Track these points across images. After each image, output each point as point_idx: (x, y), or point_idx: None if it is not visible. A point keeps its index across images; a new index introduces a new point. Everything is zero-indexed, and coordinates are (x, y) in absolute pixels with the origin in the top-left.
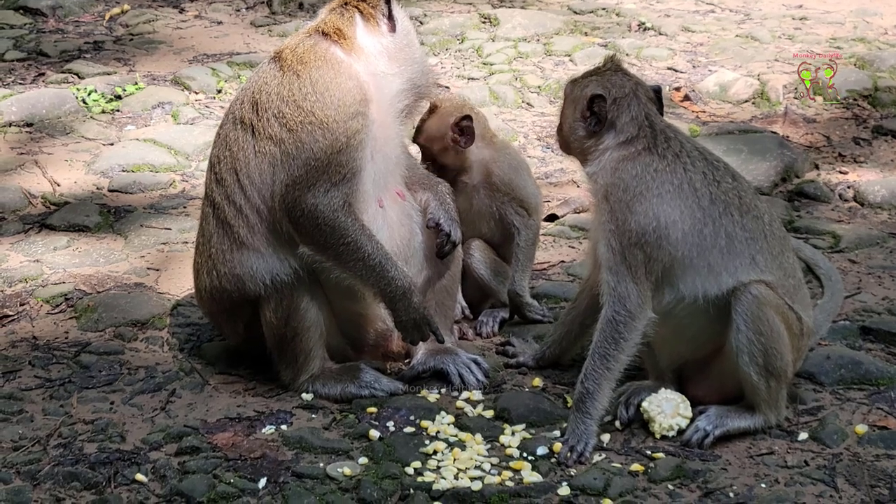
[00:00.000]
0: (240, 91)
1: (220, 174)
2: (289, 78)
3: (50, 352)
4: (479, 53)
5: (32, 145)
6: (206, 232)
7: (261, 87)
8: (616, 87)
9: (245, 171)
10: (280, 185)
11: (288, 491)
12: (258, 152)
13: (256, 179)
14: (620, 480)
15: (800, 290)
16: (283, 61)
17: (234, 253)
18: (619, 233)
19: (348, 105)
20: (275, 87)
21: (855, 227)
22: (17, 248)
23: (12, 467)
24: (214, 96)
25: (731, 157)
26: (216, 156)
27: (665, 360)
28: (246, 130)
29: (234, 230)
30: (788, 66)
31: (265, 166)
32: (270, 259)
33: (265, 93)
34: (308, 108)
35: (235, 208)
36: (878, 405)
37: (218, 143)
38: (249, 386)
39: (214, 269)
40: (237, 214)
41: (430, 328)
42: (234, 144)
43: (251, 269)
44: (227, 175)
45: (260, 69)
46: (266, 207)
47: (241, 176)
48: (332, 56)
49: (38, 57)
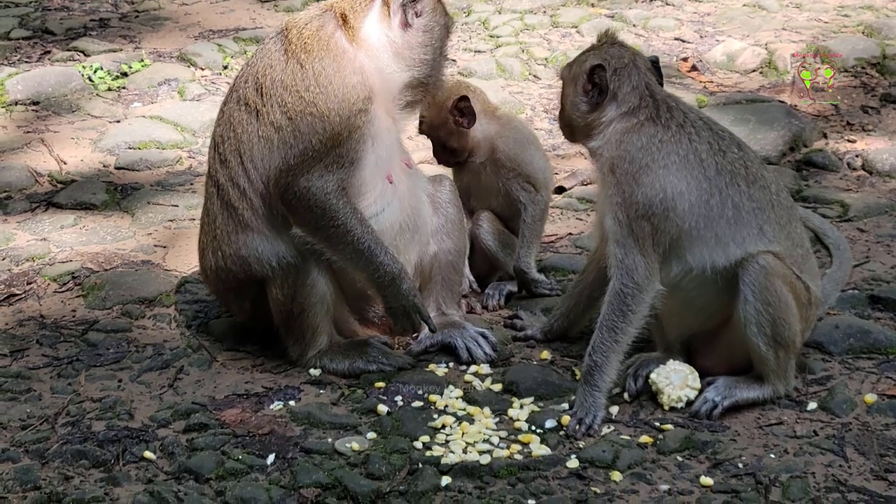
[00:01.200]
0: (245, 67)
1: (223, 155)
2: (292, 66)
3: (57, 330)
4: (486, 26)
5: (38, 123)
6: (210, 212)
7: (265, 70)
8: (615, 58)
9: (249, 155)
10: (275, 170)
11: (296, 467)
12: (261, 137)
13: (259, 164)
14: (629, 452)
15: (808, 259)
16: (288, 43)
17: (238, 235)
18: (626, 205)
19: (351, 101)
20: (279, 74)
21: (863, 196)
22: (23, 226)
23: (21, 446)
24: (220, 72)
25: (739, 126)
26: (220, 135)
27: (673, 331)
28: (250, 113)
29: (239, 212)
30: (796, 34)
31: (267, 151)
32: (275, 242)
33: (269, 78)
34: (310, 100)
35: (239, 191)
36: (887, 374)
37: (222, 122)
38: (257, 362)
39: (220, 250)
40: (241, 197)
41: (420, 316)
42: (239, 126)
43: (256, 251)
44: (231, 157)
45: (266, 47)
46: (269, 192)
47: (245, 160)
48: (336, 45)
49: (43, 35)
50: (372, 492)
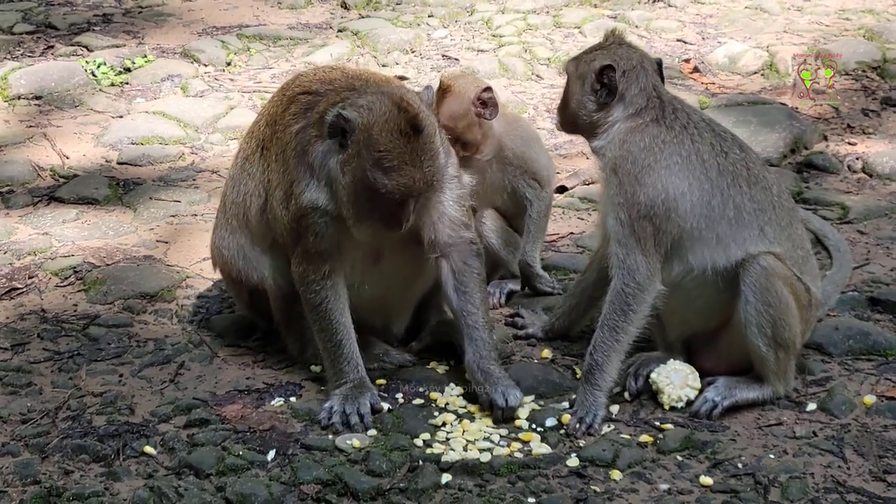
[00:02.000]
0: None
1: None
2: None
3: (59, 324)
4: (489, 25)
5: (41, 118)
6: (227, 211)
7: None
8: (624, 59)
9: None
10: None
11: (297, 463)
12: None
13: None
14: (629, 451)
15: (808, 261)
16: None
17: (244, 249)
18: (629, 205)
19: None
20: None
21: (863, 199)
22: (25, 220)
23: (21, 440)
24: (224, 69)
25: (741, 128)
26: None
27: (674, 331)
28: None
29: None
30: (797, 37)
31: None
32: (276, 257)
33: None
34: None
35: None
36: (887, 376)
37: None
38: (258, 358)
39: (227, 239)
40: (248, 222)
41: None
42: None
43: (256, 265)
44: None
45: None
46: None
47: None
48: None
49: (46, 30)
50: (372, 489)
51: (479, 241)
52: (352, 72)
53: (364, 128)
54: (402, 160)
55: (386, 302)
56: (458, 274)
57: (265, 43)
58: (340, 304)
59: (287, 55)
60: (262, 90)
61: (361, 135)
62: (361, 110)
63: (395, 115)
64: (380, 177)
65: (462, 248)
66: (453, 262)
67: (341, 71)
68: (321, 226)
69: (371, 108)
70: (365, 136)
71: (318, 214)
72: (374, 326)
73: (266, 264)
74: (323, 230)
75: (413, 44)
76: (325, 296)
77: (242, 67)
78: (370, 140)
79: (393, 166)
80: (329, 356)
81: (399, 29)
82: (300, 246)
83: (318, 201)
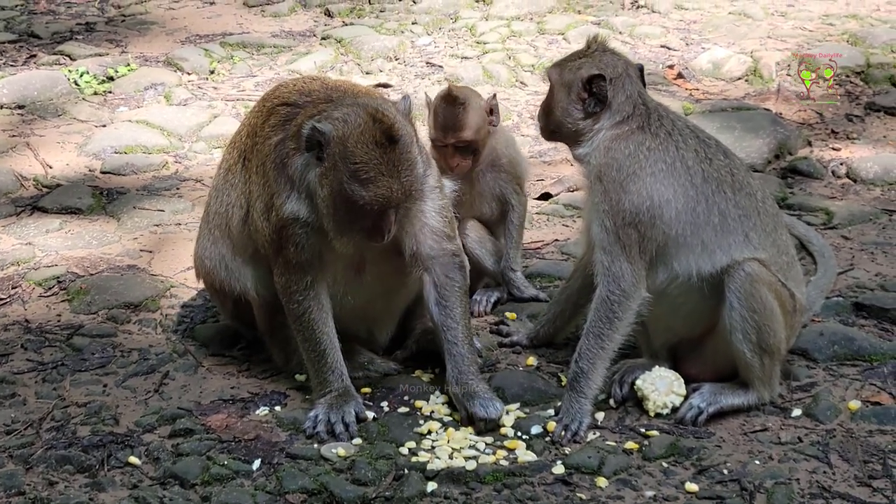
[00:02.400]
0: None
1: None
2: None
3: (42, 335)
4: (473, 32)
5: (24, 127)
6: (210, 221)
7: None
8: (610, 67)
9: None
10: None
11: (282, 472)
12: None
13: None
14: (615, 458)
15: (793, 266)
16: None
17: (226, 259)
18: (613, 213)
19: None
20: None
21: (848, 204)
22: (8, 230)
23: (5, 451)
24: (207, 77)
25: (725, 134)
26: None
27: (659, 338)
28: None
29: (224, 237)
30: (781, 42)
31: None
32: (258, 268)
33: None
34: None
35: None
36: (871, 381)
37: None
38: (243, 367)
39: (209, 259)
40: (230, 232)
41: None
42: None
43: (238, 275)
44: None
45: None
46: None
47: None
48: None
49: (29, 38)
50: (358, 497)
51: (461, 253)
52: (331, 83)
53: (339, 140)
54: (379, 171)
55: (369, 312)
56: (439, 288)
57: (249, 51)
58: (324, 313)
59: (271, 63)
60: (245, 98)
61: (337, 147)
62: (336, 122)
63: (370, 126)
64: (357, 189)
65: (444, 261)
66: (436, 275)
67: (321, 82)
68: (302, 236)
69: (346, 121)
70: (340, 149)
71: (299, 226)
72: (358, 335)
73: (249, 275)
74: (304, 241)
75: (397, 51)
76: (307, 306)
77: (226, 76)
78: (346, 152)
79: (370, 178)
80: (313, 365)
81: (383, 36)
82: (282, 257)
83: (299, 213)
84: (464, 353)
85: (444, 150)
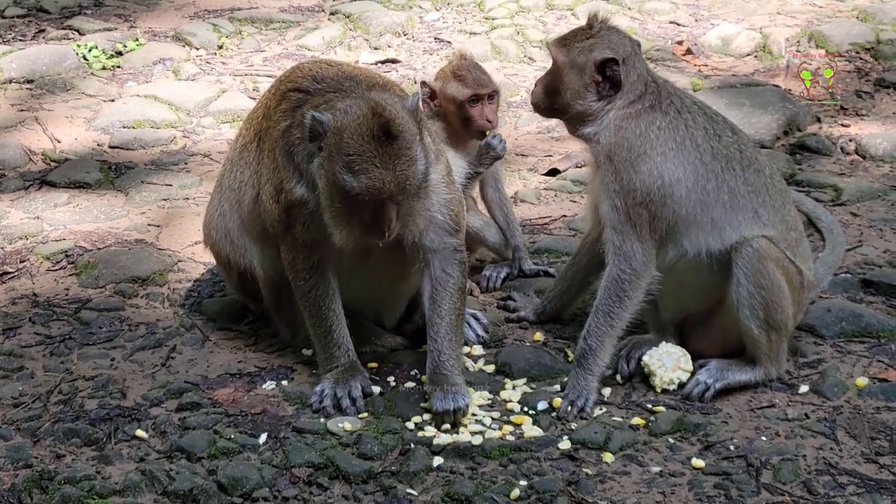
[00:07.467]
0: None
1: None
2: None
3: (50, 308)
4: (481, 8)
5: (33, 102)
6: (222, 194)
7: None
8: (620, 48)
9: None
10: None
11: (288, 446)
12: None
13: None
14: (621, 434)
15: (801, 243)
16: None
17: (233, 233)
18: (624, 192)
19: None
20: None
21: (856, 181)
22: (17, 204)
23: (13, 424)
24: (215, 52)
25: (733, 110)
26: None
27: (667, 314)
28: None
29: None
30: (791, 18)
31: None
32: (266, 246)
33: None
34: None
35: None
36: (879, 358)
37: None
38: (250, 342)
39: (216, 231)
40: (241, 209)
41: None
42: (251, 164)
43: (244, 251)
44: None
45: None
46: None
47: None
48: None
49: (38, 13)
50: (364, 472)
51: (463, 249)
52: (348, 70)
53: (336, 131)
54: (372, 163)
55: (376, 298)
56: (434, 283)
57: (257, 26)
58: (330, 290)
59: (279, 38)
60: (253, 73)
61: (333, 138)
62: (337, 114)
63: (368, 119)
64: (348, 178)
65: (445, 255)
66: (433, 269)
67: (337, 68)
68: (309, 216)
69: (346, 112)
70: (336, 139)
71: (308, 209)
72: (365, 315)
73: (255, 253)
74: (310, 220)
75: (405, 26)
76: (314, 283)
77: (234, 51)
78: (341, 143)
79: (361, 168)
80: (320, 341)
81: (391, 12)
82: (290, 235)
83: (307, 198)
84: (441, 349)
85: (481, 106)
